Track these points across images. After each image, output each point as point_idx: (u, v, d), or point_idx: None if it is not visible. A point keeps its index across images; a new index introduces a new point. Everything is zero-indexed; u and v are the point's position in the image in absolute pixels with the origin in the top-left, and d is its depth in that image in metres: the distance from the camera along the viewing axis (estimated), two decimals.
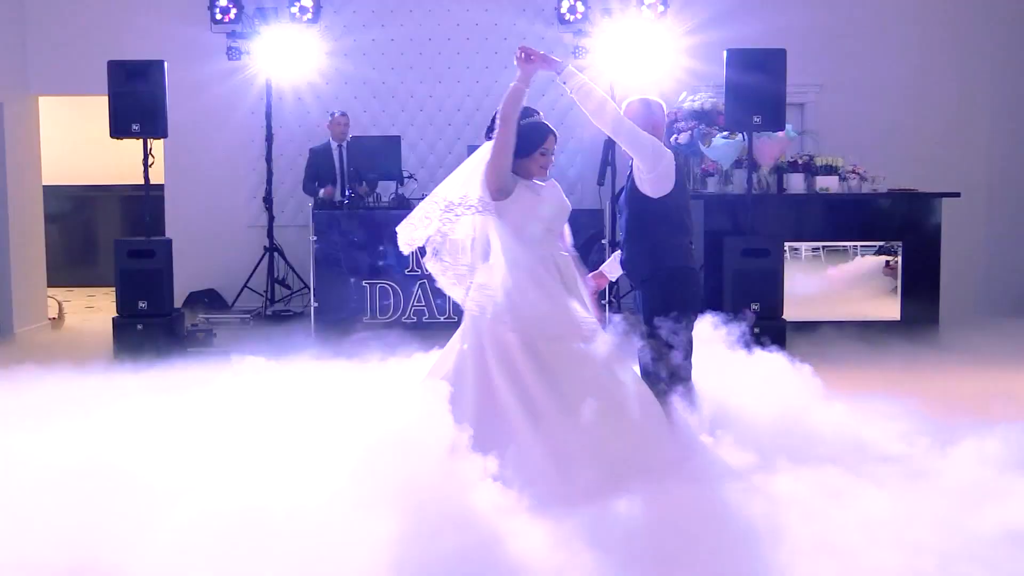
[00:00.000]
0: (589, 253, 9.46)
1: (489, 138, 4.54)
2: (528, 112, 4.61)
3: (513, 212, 4.50)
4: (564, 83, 4.59)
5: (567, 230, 4.87)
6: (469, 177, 4.56)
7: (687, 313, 4.81)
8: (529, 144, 4.54)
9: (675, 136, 10.04)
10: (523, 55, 4.52)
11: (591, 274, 5.23)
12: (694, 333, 4.91)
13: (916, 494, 4.37)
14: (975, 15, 11.17)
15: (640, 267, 4.86)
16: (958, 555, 3.79)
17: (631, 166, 4.87)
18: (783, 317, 8.48)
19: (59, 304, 10.85)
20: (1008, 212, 11.21)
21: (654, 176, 4.73)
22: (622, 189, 4.99)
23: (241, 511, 3.90)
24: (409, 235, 4.63)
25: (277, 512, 3.87)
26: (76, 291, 13.04)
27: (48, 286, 10.96)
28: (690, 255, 4.88)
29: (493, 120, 4.54)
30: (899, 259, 9.26)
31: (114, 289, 9.03)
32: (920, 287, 9.26)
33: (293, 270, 10.71)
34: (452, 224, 4.56)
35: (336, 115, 10.15)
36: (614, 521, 3.90)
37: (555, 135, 4.66)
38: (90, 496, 4.11)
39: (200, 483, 4.28)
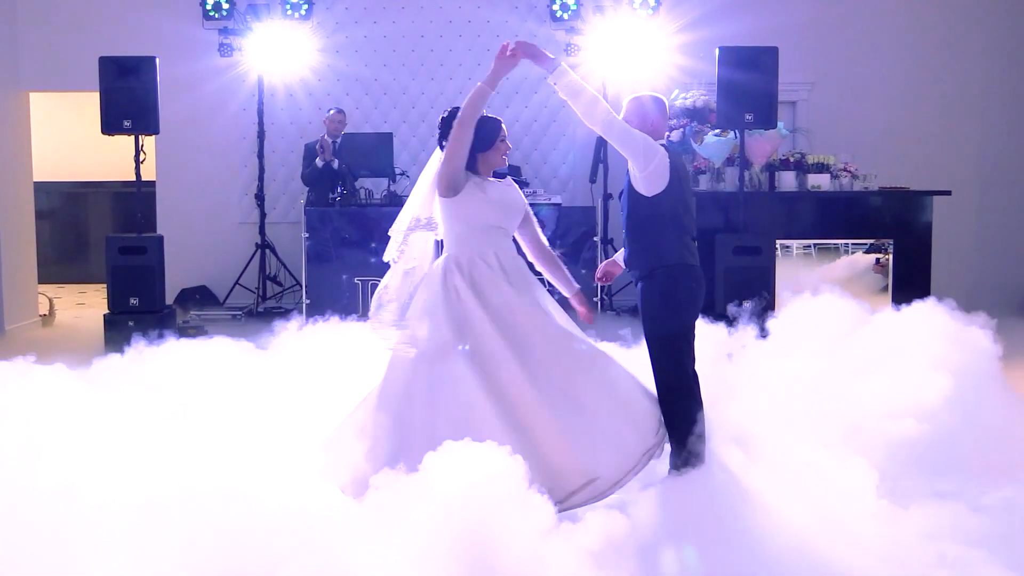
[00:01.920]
0: (581, 250, 9.50)
1: (443, 146, 4.62)
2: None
3: (460, 210, 4.58)
4: (555, 83, 4.59)
5: (538, 228, 4.93)
6: (425, 194, 4.71)
7: (687, 310, 4.77)
8: (489, 136, 4.64)
9: (667, 134, 10.04)
10: (509, 51, 4.56)
11: (604, 262, 5.29)
12: (696, 330, 4.90)
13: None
14: (966, 13, 11.20)
15: (639, 264, 4.83)
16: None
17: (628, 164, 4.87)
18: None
19: (50, 301, 10.82)
20: (999, 210, 11.25)
21: (646, 175, 4.71)
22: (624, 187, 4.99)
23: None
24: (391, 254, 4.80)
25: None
26: (67, 288, 13.01)
27: (39, 283, 10.93)
28: (691, 251, 4.82)
29: (445, 129, 4.61)
30: (890, 257, 9.28)
31: (105, 286, 9.03)
32: (911, 285, 9.27)
33: (285, 267, 10.71)
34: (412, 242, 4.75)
35: (332, 112, 10.15)
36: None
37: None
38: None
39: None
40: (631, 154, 4.68)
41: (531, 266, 4.84)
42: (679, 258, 4.76)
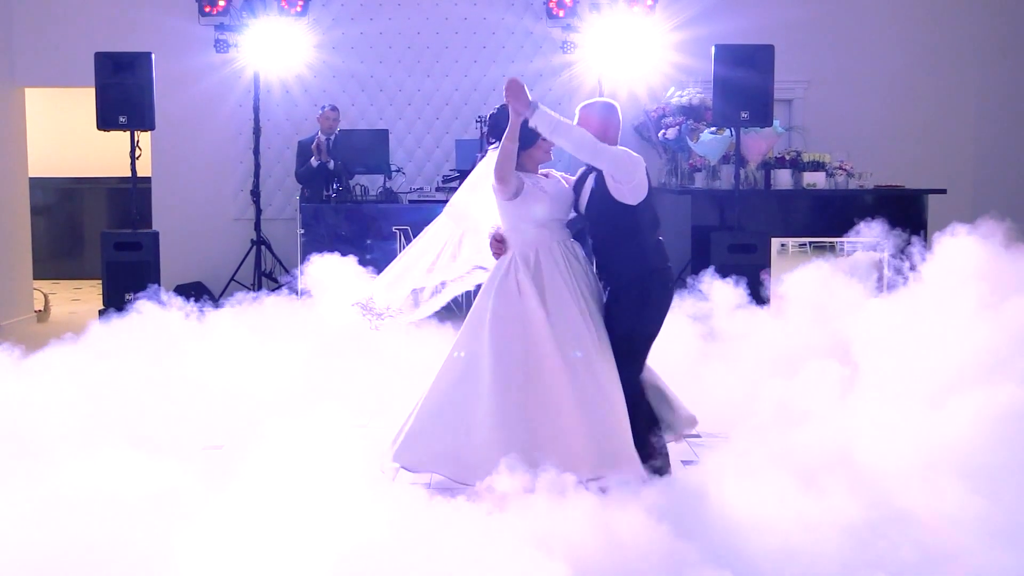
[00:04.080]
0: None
1: (490, 143, 4.92)
2: None
3: (524, 208, 4.87)
4: (535, 125, 4.70)
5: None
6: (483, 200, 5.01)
7: (662, 311, 4.90)
8: (532, 135, 4.84)
9: (663, 131, 10.07)
10: (508, 93, 4.73)
11: None
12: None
13: None
14: (962, 11, 11.22)
15: (624, 270, 4.87)
16: None
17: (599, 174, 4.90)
18: None
19: (45, 297, 10.82)
20: (993, 209, 11.23)
21: (633, 186, 4.77)
22: (589, 194, 4.98)
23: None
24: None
25: None
26: (62, 284, 13.01)
27: (34, 279, 10.92)
28: (666, 253, 4.97)
29: (492, 125, 4.93)
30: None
31: (100, 282, 9.03)
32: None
33: (280, 263, 10.69)
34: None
35: (326, 109, 10.14)
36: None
37: None
38: None
39: None
40: (622, 173, 4.74)
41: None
42: (661, 262, 4.89)
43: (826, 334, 5.80)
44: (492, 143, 4.88)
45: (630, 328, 4.80)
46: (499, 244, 4.88)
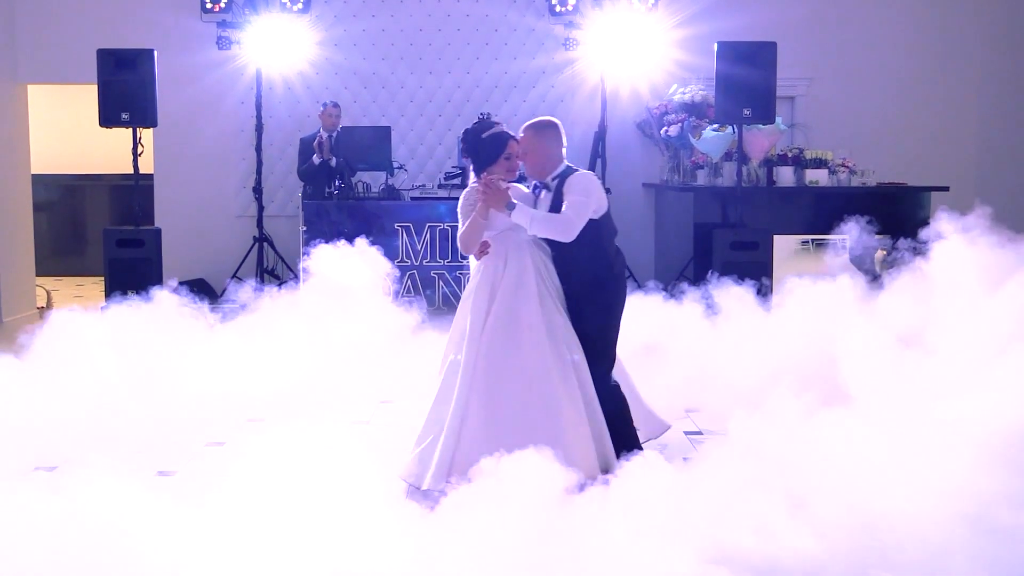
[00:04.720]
0: None
1: (463, 160, 5.05)
2: (488, 124, 5.04)
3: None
4: (517, 221, 4.82)
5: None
6: None
7: (622, 311, 5.10)
8: (493, 153, 4.96)
9: (665, 128, 10.07)
10: (483, 189, 4.82)
11: None
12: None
13: None
14: (965, 9, 11.21)
15: (601, 278, 5.02)
16: None
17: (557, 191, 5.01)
18: None
19: (47, 293, 10.83)
20: (996, 207, 11.22)
21: (593, 205, 4.93)
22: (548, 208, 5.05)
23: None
24: None
25: None
26: (65, 280, 13.01)
27: (36, 275, 10.93)
28: (624, 260, 5.20)
29: (466, 142, 5.04)
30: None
31: (103, 278, 9.04)
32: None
33: (283, 260, 10.70)
34: None
35: (328, 106, 10.14)
36: None
37: (516, 140, 5.02)
38: None
39: None
40: (591, 210, 4.88)
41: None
42: (620, 268, 5.14)
43: (823, 335, 5.80)
44: (466, 160, 5.04)
45: (601, 328, 4.98)
46: (483, 244, 4.93)
